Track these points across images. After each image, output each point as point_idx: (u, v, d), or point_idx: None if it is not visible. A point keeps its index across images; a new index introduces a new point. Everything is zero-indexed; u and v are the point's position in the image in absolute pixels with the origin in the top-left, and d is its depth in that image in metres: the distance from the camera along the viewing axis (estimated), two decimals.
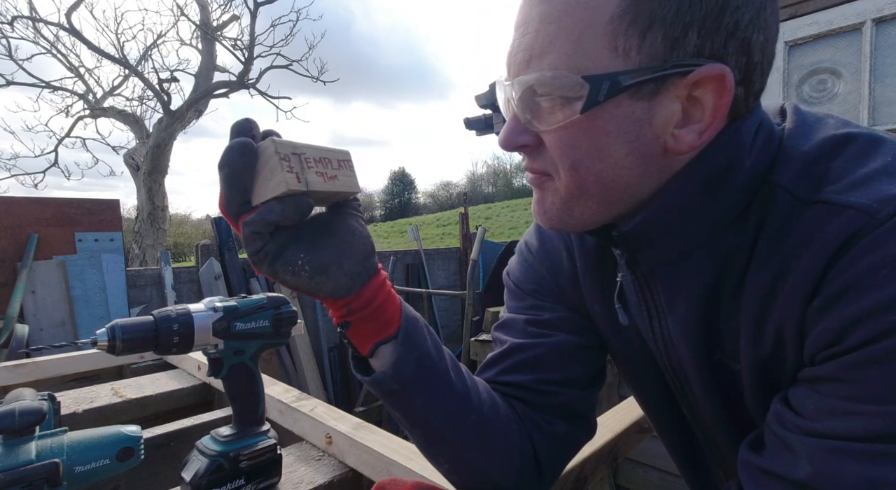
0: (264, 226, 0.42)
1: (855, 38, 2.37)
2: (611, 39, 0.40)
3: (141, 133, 9.57)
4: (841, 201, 0.39)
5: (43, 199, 3.72)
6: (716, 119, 0.42)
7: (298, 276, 0.45)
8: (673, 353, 0.54)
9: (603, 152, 0.44)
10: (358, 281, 0.48)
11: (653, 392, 0.64)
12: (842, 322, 0.36)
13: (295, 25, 9.81)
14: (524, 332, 0.64)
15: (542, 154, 0.48)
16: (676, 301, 0.51)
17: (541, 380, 0.61)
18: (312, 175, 0.44)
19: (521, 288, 0.68)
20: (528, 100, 0.45)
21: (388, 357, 0.50)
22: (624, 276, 0.55)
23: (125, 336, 0.56)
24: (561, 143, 0.45)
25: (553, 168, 0.47)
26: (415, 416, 0.53)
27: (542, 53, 0.43)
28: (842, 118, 0.47)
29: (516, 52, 0.45)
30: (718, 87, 0.41)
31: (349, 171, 0.48)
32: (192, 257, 8.60)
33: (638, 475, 2.47)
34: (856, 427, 0.35)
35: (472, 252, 4.00)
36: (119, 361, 1.40)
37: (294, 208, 0.43)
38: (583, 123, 0.43)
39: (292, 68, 9.90)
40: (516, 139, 0.48)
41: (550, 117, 0.44)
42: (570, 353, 0.62)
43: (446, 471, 0.58)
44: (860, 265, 0.36)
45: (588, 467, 0.79)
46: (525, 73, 0.44)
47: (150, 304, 4.13)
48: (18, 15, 8.36)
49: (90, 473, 0.57)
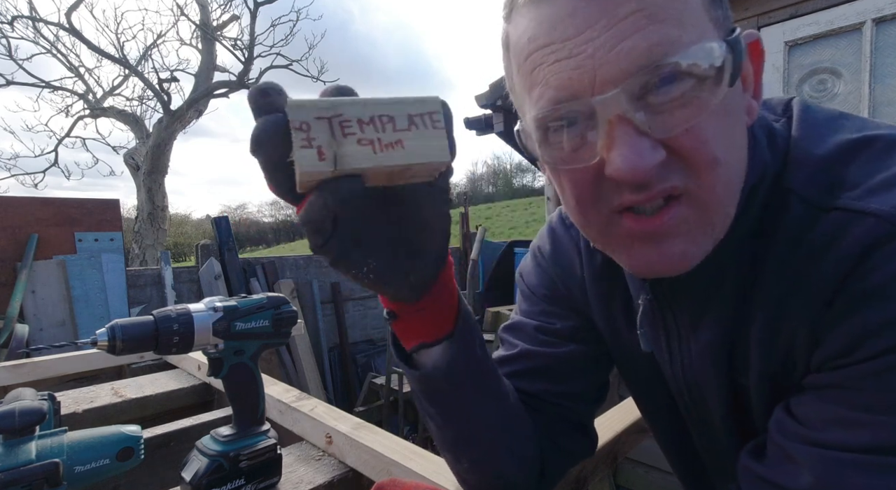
0: (314, 225, 0.33)
1: (855, 38, 2.37)
2: (707, 12, 0.38)
3: (141, 133, 9.57)
4: (859, 208, 0.37)
5: (43, 199, 3.72)
6: (758, 85, 0.43)
7: (360, 280, 0.38)
8: (690, 374, 0.52)
9: (736, 135, 0.39)
10: (419, 291, 0.41)
11: (658, 407, 0.62)
12: (858, 331, 0.35)
13: (295, 25, 9.83)
14: (534, 338, 0.63)
15: (668, 167, 0.37)
16: (703, 322, 0.48)
17: (549, 391, 0.60)
18: (352, 145, 0.31)
19: (534, 292, 0.66)
20: (655, 95, 0.36)
21: (439, 356, 0.46)
22: (646, 299, 0.51)
23: (125, 336, 0.56)
24: (705, 135, 0.36)
25: (687, 177, 0.38)
26: (454, 414, 0.51)
27: (661, 33, 0.35)
28: (860, 117, 0.45)
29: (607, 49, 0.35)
30: (758, 51, 0.42)
31: (431, 130, 0.33)
32: (192, 257, 8.60)
33: (638, 475, 2.47)
34: (861, 438, 0.34)
35: (472, 252, 4.00)
36: (119, 361, 1.39)
37: (328, 192, 0.31)
38: (724, 101, 0.37)
39: (292, 68, 9.91)
40: (653, 157, 0.36)
41: (693, 105, 0.36)
42: (578, 364, 0.61)
43: (465, 469, 0.55)
44: (880, 274, 0.35)
45: (588, 467, 0.79)
46: (645, 60, 0.35)
47: (150, 304, 4.13)
48: (18, 15, 8.36)
49: (90, 473, 0.57)
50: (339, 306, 5.22)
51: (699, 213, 0.39)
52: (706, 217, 0.39)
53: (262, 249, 25.90)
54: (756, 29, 2.59)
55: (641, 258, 0.41)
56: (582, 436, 0.63)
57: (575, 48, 0.36)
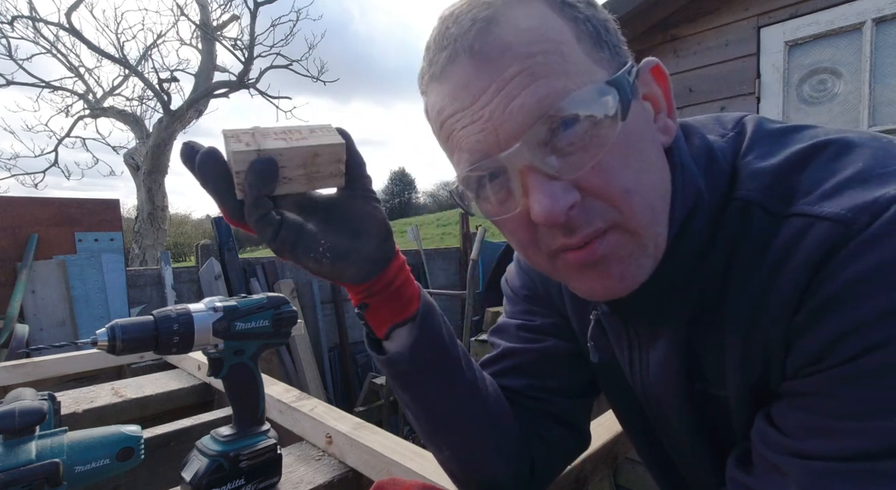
0: (259, 212, 0.42)
1: (855, 38, 2.37)
2: (587, 54, 0.41)
3: (141, 133, 9.57)
4: (815, 213, 0.38)
5: (43, 199, 3.72)
6: (670, 104, 0.45)
7: (321, 263, 0.44)
8: (648, 385, 0.53)
9: (648, 159, 0.42)
10: (378, 265, 0.48)
11: (629, 418, 0.63)
12: (825, 337, 0.36)
13: (295, 25, 9.82)
14: (516, 336, 0.64)
15: (589, 206, 0.40)
16: (658, 333, 0.50)
17: (532, 386, 0.61)
18: (270, 141, 0.42)
19: (517, 293, 0.68)
20: (555, 142, 0.39)
21: (404, 339, 0.50)
22: (600, 312, 0.54)
23: (125, 336, 0.56)
24: (612, 170, 0.39)
25: (608, 211, 0.40)
26: (424, 400, 0.53)
27: (547, 86, 0.38)
28: (814, 127, 0.46)
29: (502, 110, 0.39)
30: (661, 74, 0.45)
31: (325, 133, 0.45)
32: (192, 257, 8.60)
33: (638, 475, 2.47)
34: (844, 447, 0.35)
35: (472, 252, 4.00)
36: (119, 361, 1.40)
37: (255, 173, 0.40)
38: (622, 134, 0.39)
39: (292, 68, 9.90)
40: (566, 199, 0.39)
41: (592, 144, 0.39)
42: (561, 359, 0.62)
43: (447, 458, 0.57)
44: (839, 279, 0.35)
45: (588, 467, 0.79)
46: (538, 112, 0.38)
47: (150, 304, 4.13)
48: (18, 15, 8.36)
49: (90, 473, 0.57)
50: (339, 306, 5.22)
51: (629, 238, 0.42)
52: (637, 240, 0.42)
53: (262, 249, 25.91)
54: (756, 29, 2.59)
55: (586, 284, 0.45)
56: (570, 433, 0.63)
57: (475, 114, 0.40)
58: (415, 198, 39.21)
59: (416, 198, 39.31)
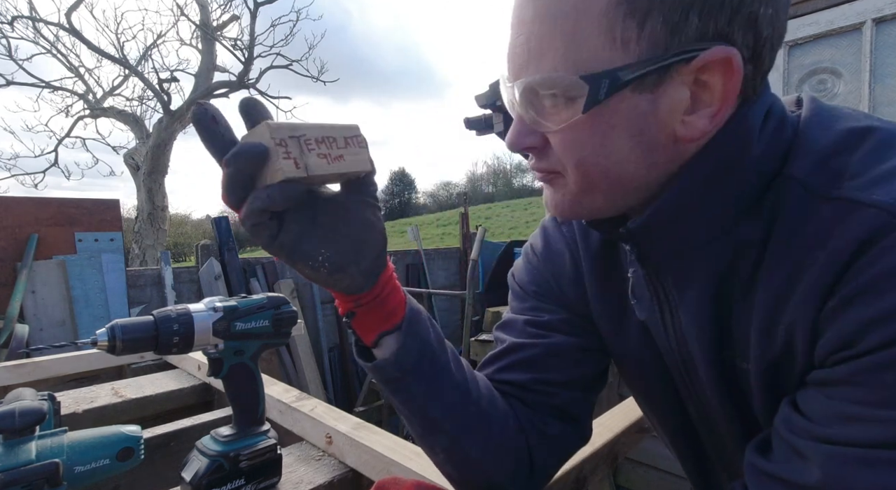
0: (256, 215, 0.40)
1: (855, 38, 2.37)
2: (608, 31, 0.39)
3: (141, 133, 9.58)
4: (862, 199, 0.37)
5: (43, 199, 3.72)
6: (726, 102, 0.41)
7: (317, 272, 0.44)
8: (684, 349, 0.53)
9: (608, 148, 0.44)
10: (371, 279, 0.48)
11: (657, 392, 0.63)
12: (858, 324, 0.35)
13: (295, 25, 9.83)
14: (523, 331, 0.64)
15: (548, 154, 0.47)
16: (687, 294, 0.50)
17: (537, 380, 0.61)
18: (314, 158, 0.40)
19: (524, 289, 0.68)
20: (531, 100, 0.44)
21: (391, 346, 0.51)
22: (635, 272, 0.54)
23: (125, 336, 0.56)
24: (566, 143, 0.45)
25: (560, 166, 0.47)
26: (414, 405, 0.54)
27: (540, 54, 0.42)
28: (863, 112, 0.45)
29: (514, 52, 0.44)
30: (726, 69, 0.39)
31: (358, 149, 0.44)
32: (192, 257, 8.60)
33: (638, 475, 2.47)
34: (869, 434, 0.34)
35: (472, 252, 4.00)
36: (119, 361, 1.39)
37: (280, 192, 0.39)
38: (587, 122, 0.42)
39: (292, 68, 9.91)
40: (523, 141, 0.48)
41: (554, 117, 0.44)
42: (568, 354, 0.62)
43: (441, 461, 0.58)
44: (880, 266, 0.34)
45: (588, 467, 0.79)
46: (525, 74, 0.43)
47: (150, 304, 4.13)
48: (18, 15, 8.36)
49: (90, 473, 0.57)
50: None
51: (568, 193, 0.49)
52: (575, 198, 0.49)
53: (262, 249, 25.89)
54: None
55: (545, 200, 0.53)
56: (572, 428, 0.63)
57: (511, 40, 0.45)
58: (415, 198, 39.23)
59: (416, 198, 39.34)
